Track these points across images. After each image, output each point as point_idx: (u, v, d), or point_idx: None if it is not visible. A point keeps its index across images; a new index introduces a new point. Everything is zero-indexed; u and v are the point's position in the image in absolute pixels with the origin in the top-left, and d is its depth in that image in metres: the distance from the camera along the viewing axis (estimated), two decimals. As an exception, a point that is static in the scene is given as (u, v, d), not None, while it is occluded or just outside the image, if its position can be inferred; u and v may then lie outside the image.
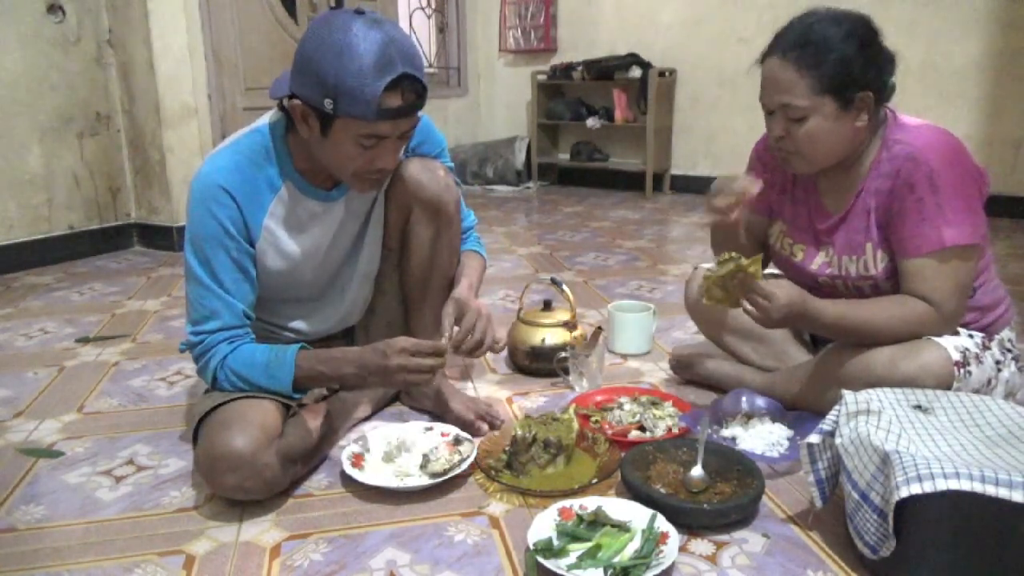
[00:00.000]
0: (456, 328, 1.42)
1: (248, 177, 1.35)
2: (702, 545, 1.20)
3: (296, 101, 1.27)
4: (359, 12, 1.25)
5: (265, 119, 1.41)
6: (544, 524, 1.19)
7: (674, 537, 1.14)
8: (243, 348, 1.36)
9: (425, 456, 1.40)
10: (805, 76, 1.34)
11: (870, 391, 1.23)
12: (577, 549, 1.14)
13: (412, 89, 1.25)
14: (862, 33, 1.35)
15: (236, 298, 1.36)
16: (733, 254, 1.36)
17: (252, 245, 1.38)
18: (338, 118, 1.24)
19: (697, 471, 1.30)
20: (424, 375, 1.31)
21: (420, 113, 1.33)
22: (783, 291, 1.35)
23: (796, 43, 1.36)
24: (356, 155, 1.29)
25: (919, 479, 0.98)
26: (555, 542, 1.15)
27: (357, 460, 1.40)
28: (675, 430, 1.53)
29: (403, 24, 4.73)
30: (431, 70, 5.15)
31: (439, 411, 1.63)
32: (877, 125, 1.43)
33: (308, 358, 1.35)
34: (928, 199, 1.33)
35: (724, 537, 1.22)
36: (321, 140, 1.29)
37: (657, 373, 1.92)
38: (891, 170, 1.39)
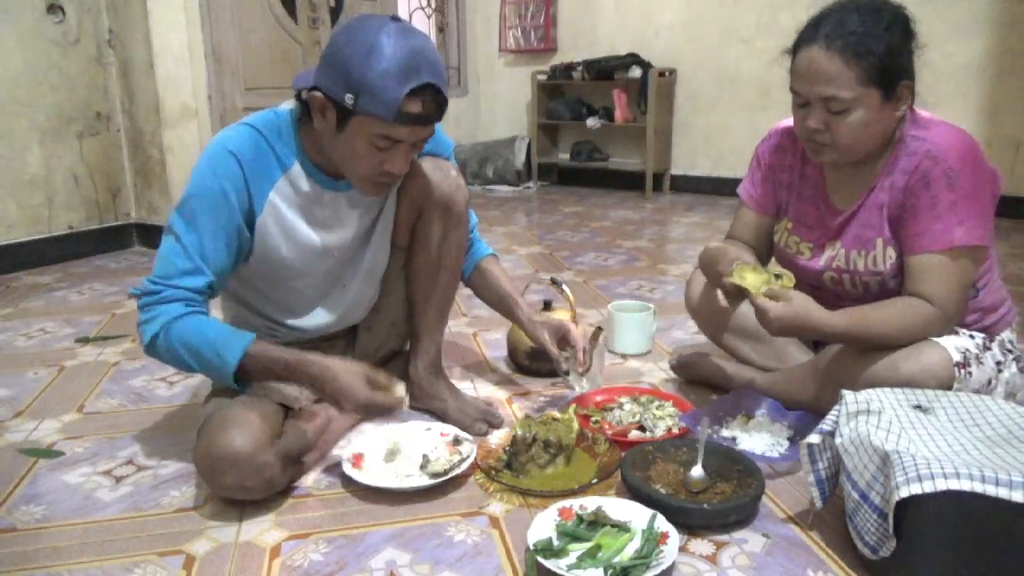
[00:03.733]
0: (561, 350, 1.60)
1: (260, 149, 1.35)
2: (702, 545, 1.20)
3: (317, 92, 1.27)
4: (395, 18, 1.27)
5: (284, 104, 1.41)
6: (544, 524, 1.19)
7: (674, 537, 1.14)
8: (196, 317, 1.30)
9: (425, 456, 1.40)
10: (853, 67, 1.29)
11: (870, 391, 1.23)
12: (577, 549, 1.14)
13: (433, 99, 1.27)
14: (903, 22, 1.33)
15: (209, 267, 1.31)
16: (744, 273, 1.39)
17: (253, 220, 1.36)
18: (356, 115, 1.25)
19: (697, 471, 1.30)
20: (378, 415, 1.32)
21: None
22: (779, 307, 1.33)
23: (841, 32, 1.30)
24: (367, 155, 1.29)
25: (919, 479, 0.98)
26: (555, 542, 1.15)
27: (357, 460, 1.40)
28: (675, 430, 1.53)
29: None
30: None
31: (439, 411, 1.63)
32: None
33: (262, 350, 1.30)
34: (943, 197, 1.33)
35: (724, 537, 1.22)
36: (335, 135, 1.30)
37: (657, 373, 1.92)
38: (908, 166, 1.37)
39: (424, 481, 1.34)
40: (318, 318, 1.55)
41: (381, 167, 1.32)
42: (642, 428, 1.55)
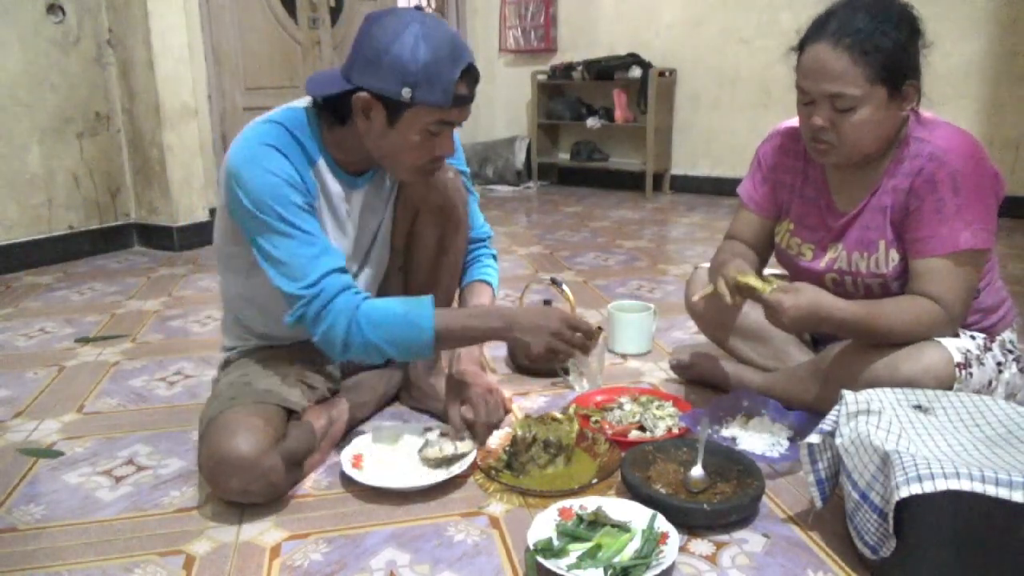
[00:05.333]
0: (463, 409, 1.48)
1: (290, 144, 1.34)
2: (702, 545, 1.20)
3: (362, 94, 1.28)
4: (419, 8, 1.28)
5: (298, 103, 1.40)
6: (544, 524, 1.19)
7: (674, 537, 1.14)
8: (370, 301, 1.32)
9: (427, 440, 1.39)
10: (860, 64, 1.29)
11: (870, 391, 1.23)
12: (577, 549, 1.14)
13: (475, 78, 1.32)
14: (911, 21, 1.33)
15: (327, 242, 1.32)
16: (747, 278, 1.39)
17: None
18: (412, 107, 1.27)
19: (697, 471, 1.30)
20: (570, 349, 1.35)
21: None
22: (790, 298, 1.34)
23: (849, 30, 1.30)
24: (421, 144, 1.32)
25: (919, 479, 0.98)
26: (555, 542, 1.15)
27: (357, 460, 1.40)
28: (675, 430, 1.53)
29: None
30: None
31: (439, 411, 1.62)
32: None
33: (446, 309, 1.36)
34: (949, 200, 1.33)
35: (724, 537, 1.22)
36: (385, 132, 1.30)
37: (657, 373, 1.92)
38: (912, 168, 1.37)
39: (424, 481, 1.34)
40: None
41: (432, 154, 1.34)
42: (642, 428, 1.55)
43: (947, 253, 1.34)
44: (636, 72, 4.51)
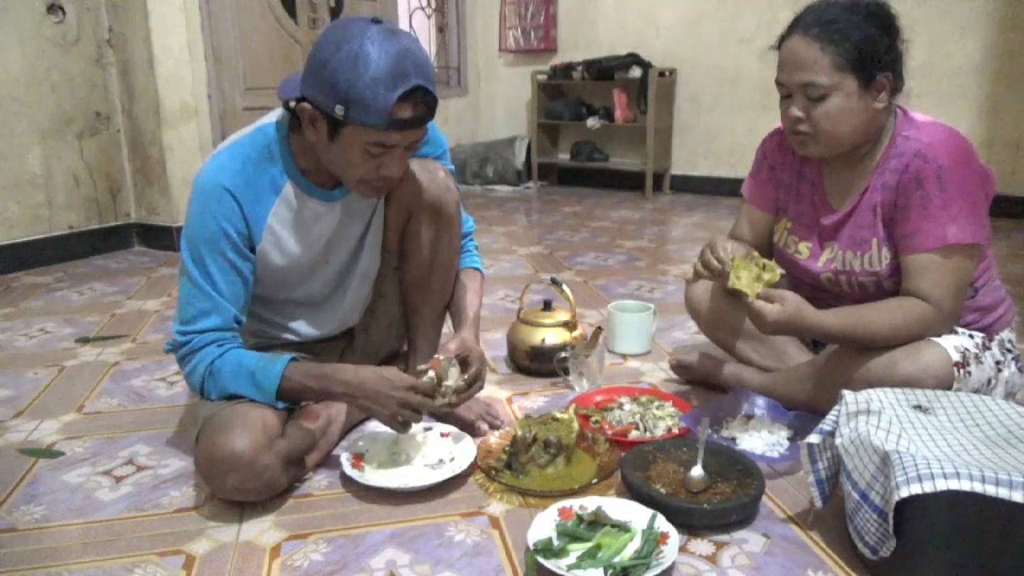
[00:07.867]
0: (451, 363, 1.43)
1: (251, 178, 1.35)
2: (702, 545, 1.20)
3: (306, 104, 1.26)
4: (376, 21, 1.25)
5: (270, 117, 1.41)
6: (544, 524, 1.19)
7: (674, 537, 1.14)
8: (232, 352, 1.35)
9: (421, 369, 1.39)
10: (828, 53, 1.34)
11: (870, 391, 1.23)
12: (577, 549, 1.14)
13: (424, 101, 1.26)
14: (883, 15, 1.37)
15: (228, 301, 1.35)
16: (739, 272, 1.40)
17: (254, 247, 1.38)
18: (347, 125, 1.24)
19: (697, 471, 1.30)
20: (415, 416, 1.33)
21: None
22: (774, 310, 1.35)
23: (818, 21, 1.36)
24: (362, 162, 1.29)
25: (919, 479, 0.98)
26: (555, 542, 1.15)
27: (357, 461, 1.40)
28: (675, 430, 1.53)
29: (403, 24, 4.73)
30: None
31: (439, 411, 1.62)
32: (887, 119, 1.43)
33: (297, 370, 1.34)
34: (935, 196, 1.34)
35: (724, 537, 1.22)
36: (328, 145, 1.29)
37: (657, 373, 1.92)
38: (899, 165, 1.39)
39: (424, 481, 1.34)
40: (315, 324, 1.55)
41: (377, 172, 1.31)
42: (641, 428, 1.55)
43: (935, 248, 1.34)
44: (636, 72, 4.51)
